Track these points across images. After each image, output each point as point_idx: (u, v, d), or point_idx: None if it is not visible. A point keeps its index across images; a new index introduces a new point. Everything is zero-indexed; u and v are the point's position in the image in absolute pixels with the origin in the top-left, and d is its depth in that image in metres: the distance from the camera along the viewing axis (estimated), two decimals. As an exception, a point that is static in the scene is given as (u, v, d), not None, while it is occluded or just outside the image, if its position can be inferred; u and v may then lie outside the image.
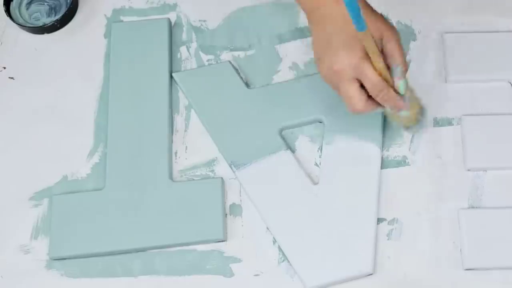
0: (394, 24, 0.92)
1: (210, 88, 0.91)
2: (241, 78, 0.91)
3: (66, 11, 0.96)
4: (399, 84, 0.76)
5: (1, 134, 0.91)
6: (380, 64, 0.74)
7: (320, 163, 0.86)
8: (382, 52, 0.75)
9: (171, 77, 0.92)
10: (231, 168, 0.86)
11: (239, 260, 0.82)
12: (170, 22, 0.95)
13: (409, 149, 0.86)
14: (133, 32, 0.94)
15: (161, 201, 0.84)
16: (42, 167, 0.89)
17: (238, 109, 0.89)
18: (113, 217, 0.84)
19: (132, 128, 0.89)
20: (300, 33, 0.93)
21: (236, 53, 0.93)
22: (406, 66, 0.77)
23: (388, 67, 0.76)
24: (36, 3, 0.98)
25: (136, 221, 0.83)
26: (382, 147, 0.85)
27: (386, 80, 0.76)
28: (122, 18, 0.96)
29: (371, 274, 0.80)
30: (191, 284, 0.81)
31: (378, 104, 0.78)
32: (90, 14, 0.97)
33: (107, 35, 0.95)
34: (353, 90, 0.75)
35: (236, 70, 0.92)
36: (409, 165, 0.85)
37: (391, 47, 0.75)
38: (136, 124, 0.89)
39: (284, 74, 0.91)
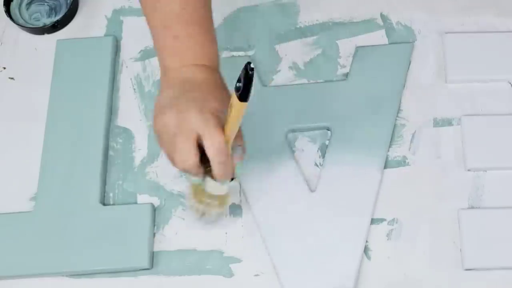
0: (394, 25, 0.93)
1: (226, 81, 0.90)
2: (258, 75, 0.90)
3: (66, 12, 0.96)
4: (237, 164, 0.76)
5: (1, 134, 0.91)
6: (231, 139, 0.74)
7: (320, 164, 0.86)
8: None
9: (111, 99, 0.91)
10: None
11: (239, 260, 0.82)
12: (115, 41, 0.94)
13: (409, 149, 0.86)
14: (76, 50, 0.93)
15: (90, 225, 0.83)
16: (42, 167, 0.89)
17: (249, 105, 0.88)
18: (40, 240, 0.83)
19: (66, 150, 0.87)
20: (300, 33, 0.93)
21: (236, 53, 0.93)
22: (245, 150, 0.77)
23: None
24: (36, 3, 0.98)
25: (63, 245, 0.82)
26: (385, 166, 0.85)
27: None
28: (122, 18, 0.96)
29: None
30: (191, 284, 0.81)
31: (205, 171, 0.76)
32: (90, 14, 0.98)
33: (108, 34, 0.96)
34: (190, 145, 0.72)
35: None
36: (409, 165, 0.85)
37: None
38: (71, 148, 0.88)
39: (284, 74, 0.91)
